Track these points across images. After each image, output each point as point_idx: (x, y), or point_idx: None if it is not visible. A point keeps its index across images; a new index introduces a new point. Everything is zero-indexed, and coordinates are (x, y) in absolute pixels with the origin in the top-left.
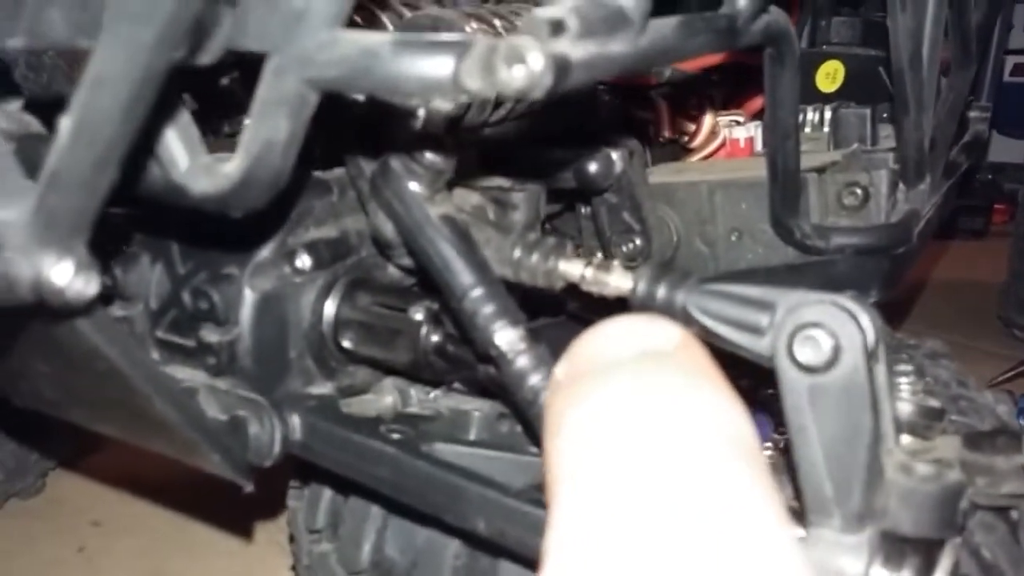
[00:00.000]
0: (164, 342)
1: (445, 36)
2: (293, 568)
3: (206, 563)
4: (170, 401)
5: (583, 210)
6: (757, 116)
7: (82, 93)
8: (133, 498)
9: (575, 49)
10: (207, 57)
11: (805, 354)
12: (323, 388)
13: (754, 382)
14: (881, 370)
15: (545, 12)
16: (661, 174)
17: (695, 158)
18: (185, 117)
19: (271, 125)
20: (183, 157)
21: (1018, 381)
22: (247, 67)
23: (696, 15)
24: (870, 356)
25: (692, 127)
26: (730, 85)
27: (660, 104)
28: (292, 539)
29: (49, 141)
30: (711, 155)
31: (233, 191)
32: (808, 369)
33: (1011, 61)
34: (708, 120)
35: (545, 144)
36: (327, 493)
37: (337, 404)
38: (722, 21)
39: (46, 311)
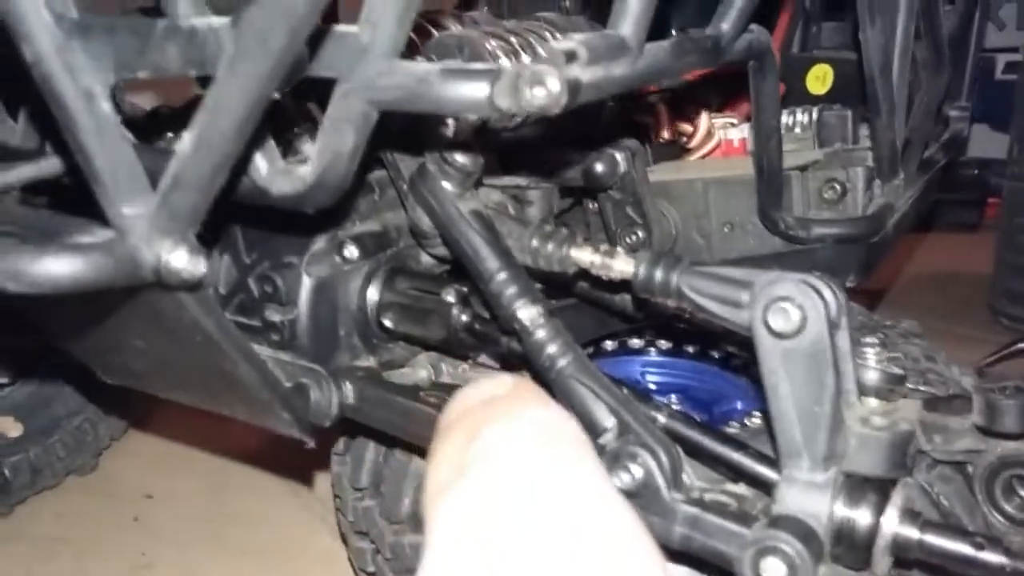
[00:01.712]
0: (233, 323)
1: (481, 65)
2: (338, 525)
3: (251, 529)
4: (254, 367)
5: (590, 206)
6: (750, 118)
7: (204, 114)
8: (180, 473)
9: (585, 73)
10: (289, 84)
11: (777, 322)
12: (367, 362)
13: (746, 361)
14: (843, 336)
15: (561, 44)
16: (661, 172)
17: (693, 157)
18: (264, 130)
19: (339, 138)
20: (263, 164)
21: (1005, 364)
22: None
23: (685, 37)
24: (832, 324)
25: (690, 129)
26: (725, 90)
27: (660, 109)
28: (337, 498)
29: (164, 152)
30: (708, 155)
31: (307, 192)
32: (780, 335)
33: (1003, 59)
34: (704, 122)
35: (556, 147)
36: (369, 456)
37: (380, 375)
38: (708, 42)
39: (160, 289)
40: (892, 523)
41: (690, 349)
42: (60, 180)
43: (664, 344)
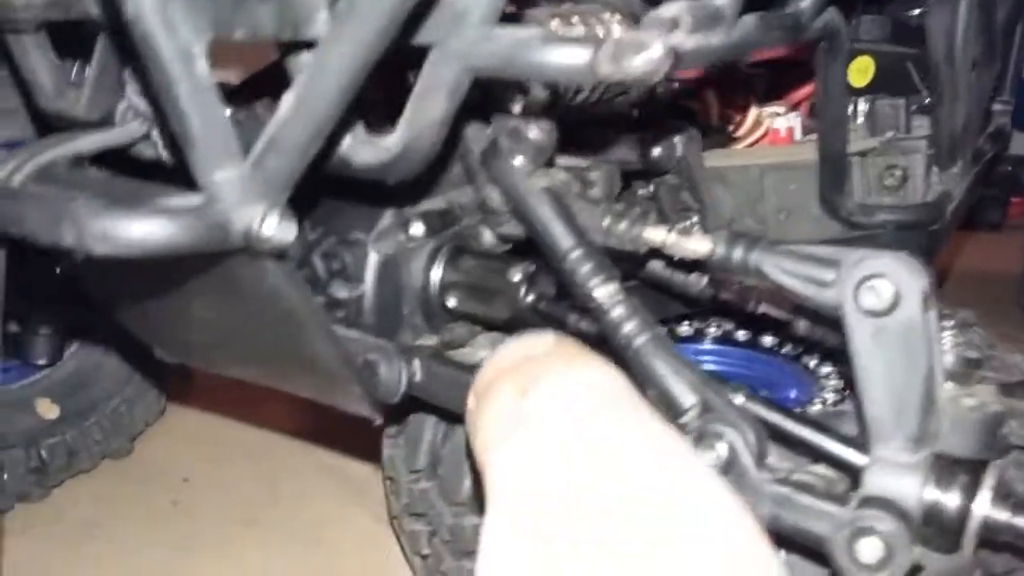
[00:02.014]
0: None
1: (583, 31)
2: (388, 507)
3: (290, 511)
4: (331, 340)
5: (641, 190)
6: (796, 107)
7: (305, 75)
8: (215, 459)
9: (686, 41)
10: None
11: (870, 300)
12: (429, 341)
13: (801, 349)
14: (933, 315)
15: (665, 11)
16: (714, 158)
17: (740, 146)
18: None
19: (431, 106)
20: (346, 133)
21: None
22: None
23: (770, 12)
24: (925, 302)
25: (738, 117)
26: (772, 79)
27: (709, 96)
28: (388, 480)
29: (253, 119)
30: (755, 143)
31: (392, 162)
32: (872, 313)
33: None
34: (752, 111)
35: (613, 129)
36: (426, 437)
37: (444, 354)
38: (790, 19)
39: (246, 255)
40: (984, 506)
41: (741, 336)
42: (123, 151)
43: (715, 331)
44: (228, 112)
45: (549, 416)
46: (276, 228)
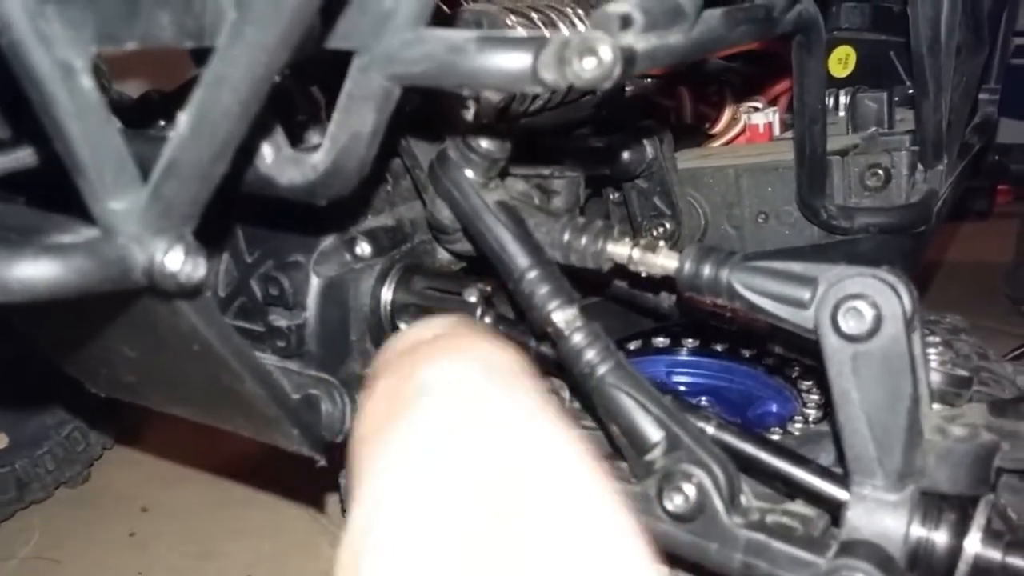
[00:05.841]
0: (233, 328)
1: (522, 32)
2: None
3: (253, 544)
4: (259, 379)
5: (612, 196)
6: (774, 102)
7: (202, 90)
8: (176, 485)
9: (639, 41)
10: (299, 56)
11: (848, 324)
12: None
13: (781, 361)
14: (918, 338)
15: (615, 8)
16: (687, 159)
17: (716, 144)
18: (269, 113)
19: (357, 118)
20: (268, 150)
21: None
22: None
23: (737, 6)
24: (908, 324)
25: (713, 114)
26: (749, 73)
27: (683, 92)
28: (345, 513)
29: (156, 139)
30: (732, 141)
31: (320, 180)
32: (851, 338)
33: (1013, 43)
34: (728, 107)
35: (577, 133)
36: None
37: None
38: (760, 11)
39: (153, 295)
40: (975, 545)
41: (719, 347)
42: (38, 174)
43: (692, 342)
44: (121, 132)
45: (432, 400)
46: (182, 263)
